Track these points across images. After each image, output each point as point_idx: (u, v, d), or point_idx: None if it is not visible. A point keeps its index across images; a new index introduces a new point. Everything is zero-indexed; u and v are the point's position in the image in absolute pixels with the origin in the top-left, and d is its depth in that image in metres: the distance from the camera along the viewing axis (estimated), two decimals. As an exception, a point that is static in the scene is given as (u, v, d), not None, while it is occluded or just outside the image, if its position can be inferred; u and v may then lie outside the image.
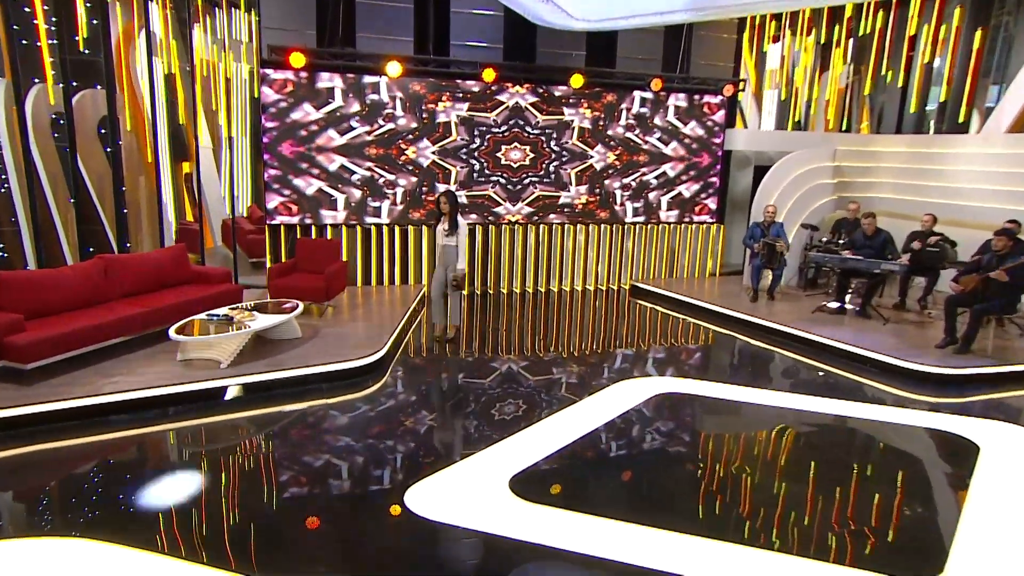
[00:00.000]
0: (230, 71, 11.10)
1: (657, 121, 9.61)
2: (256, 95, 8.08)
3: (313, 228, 8.47)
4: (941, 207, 8.43)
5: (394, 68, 7.97)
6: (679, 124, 9.73)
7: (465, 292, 6.26)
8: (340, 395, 5.18)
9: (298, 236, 8.35)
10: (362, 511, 3.44)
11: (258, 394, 5.00)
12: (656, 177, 9.82)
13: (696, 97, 9.69)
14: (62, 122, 7.38)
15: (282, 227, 8.36)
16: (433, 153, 8.75)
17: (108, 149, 8.05)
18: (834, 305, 7.73)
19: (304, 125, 8.17)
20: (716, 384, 5.60)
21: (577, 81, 8.78)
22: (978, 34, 10.04)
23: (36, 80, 7.23)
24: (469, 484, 3.69)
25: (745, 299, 8.34)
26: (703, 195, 10.13)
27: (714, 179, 10.12)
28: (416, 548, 3.13)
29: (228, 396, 4.94)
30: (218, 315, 5.46)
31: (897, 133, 10.72)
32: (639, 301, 9.10)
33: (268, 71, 7.87)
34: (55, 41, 7.04)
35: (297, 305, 6.06)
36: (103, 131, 8.20)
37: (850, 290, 7.88)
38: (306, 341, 5.95)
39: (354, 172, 8.47)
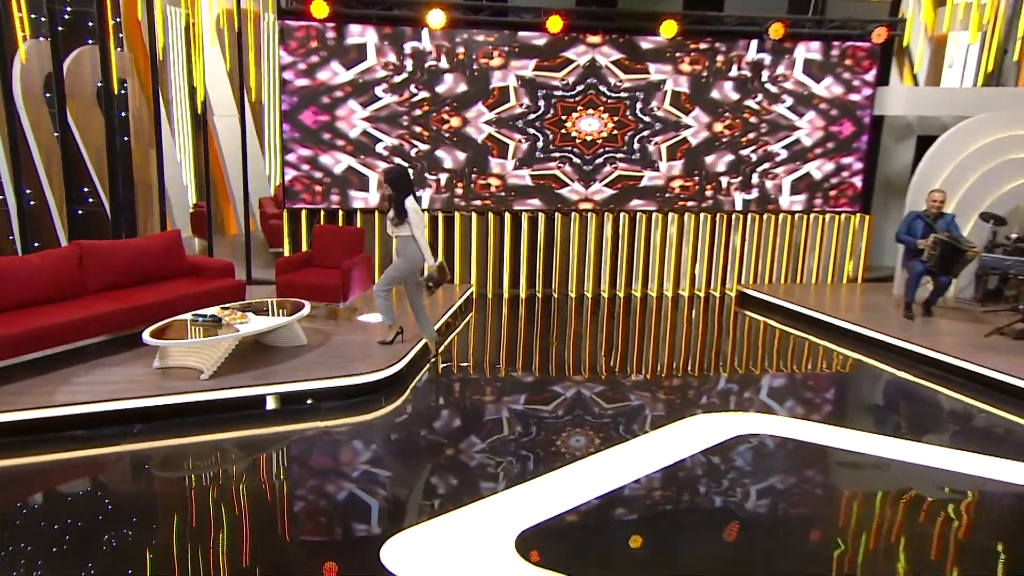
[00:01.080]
0: (248, 21, 11.52)
1: (780, 79, 9.05)
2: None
3: (340, 213, 8.61)
4: None
5: (437, 18, 7.92)
6: (810, 82, 9.09)
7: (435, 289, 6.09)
8: (339, 417, 5.13)
9: (321, 222, 8.52)
10: (326, 563, 3.35)
11: (240, 412, 5.05)
12: (777, 152, 9.24)
13: (836, 46, 9.04)
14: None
15: (303, 211, 8.55)
16: (486, 124, 8.67)
17: (123, 114, 8.57)
18: (1021, 327, 6.98)
19: (330, 89, 8.28)
20: (833, 428, 5.12)
21: (670, 29, 8.37)
22: None
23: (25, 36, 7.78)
24: (466, 539, 3.53)
25: (896, 315, 7.69)
26: (842, 176, 9.44)
27: (859, 154, 9.42)
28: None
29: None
30: (205, 316, 5.58)
31: None
32: (747, 312, 8.62)
33: (288, 22, 8.05)
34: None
35: (302, 306, 6.12)
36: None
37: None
38: (311, 349, 5.98)
39: (389, 146, 8.52)
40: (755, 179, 9.26)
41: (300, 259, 7.29)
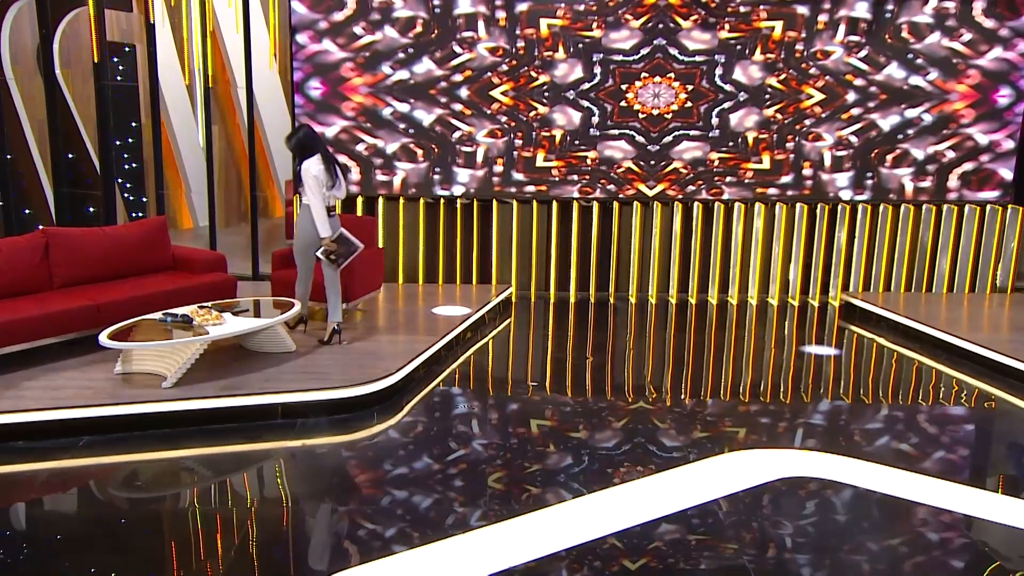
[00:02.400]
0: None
1: (903, 35, 8.61)
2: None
3: (360, 199, 8.83)
4: None
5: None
6: (946, 39, 8.64)
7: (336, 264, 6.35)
8: (314, 436, 5.24)
9: (336, 210, 8.75)
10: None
11: (201, 426, 5.21)
12: (898, 127, 8.80)
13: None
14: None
15: (316, 196, 8.82)
16: (529, 94, 8.66)
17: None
18: None
19: (349, 56, 8.47)
20: (913, 475, 4.83)
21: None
22: None
23: None
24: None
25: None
26: (987, 157, 8.91)
27: (1011, 128, 8.85)
28: None
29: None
30: (176, 316, 5.82)
31: None
32: (852, 327, 8.25)
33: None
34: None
35: (291, 306, 6.31)
36: (117, 60, 9.22)
37: None
38: (299, 357, 6.14)
39: (418, 122, 8.64)
40: (868, 162, 8.87)
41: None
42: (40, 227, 8.72)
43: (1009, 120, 8.81)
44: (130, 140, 10.23)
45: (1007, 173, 8.95)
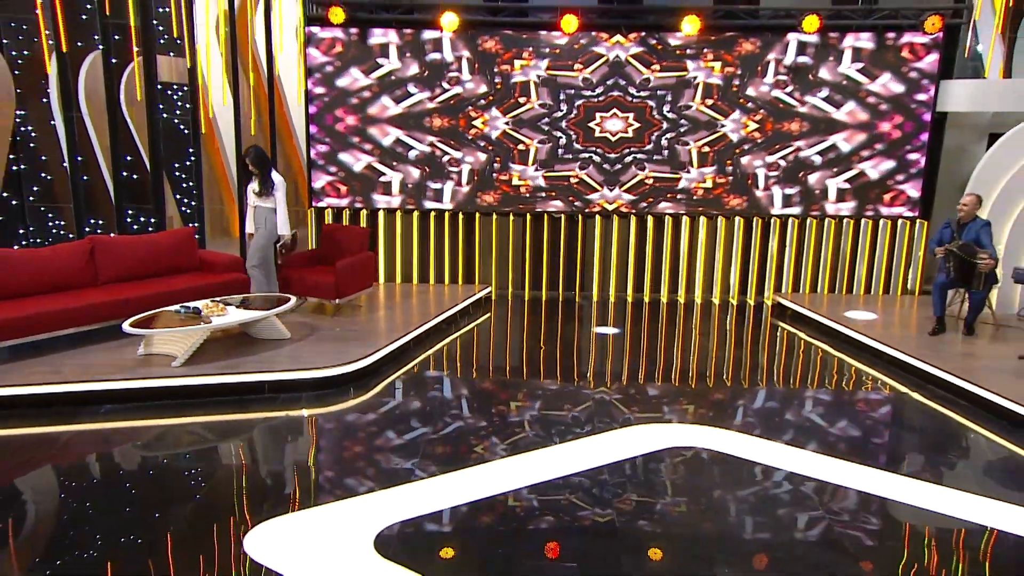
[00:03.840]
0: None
1: (825, 75, 8.63)
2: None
3: (363, 212, 9.11)
4: None
5: (450, 20, 8.21)
6: (860, 77, 8.60)
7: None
8: (296, 408, 5.46)
9: (345, 221, 9.08)
10: (194, 545, 3.67)
11: (199, 399, 5.50)
12: (821, 152, 8.80)
13: (890, 37, 8.49)
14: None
15: (328, 210, 9.13)
16: (506, 124, 8.83)
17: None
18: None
19: (355, 92, 8.75)
20: (788, 447, 4.91)
21: (693, 25, 8.21)
22: None
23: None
24: (333, 530, 3.72)
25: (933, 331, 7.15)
26: (898, 178, 8.85)
27: (917, 155, 8.77)
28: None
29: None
30: (188, 308, 6.15)
31: None
32: (782, 324, 8.28)
33: (314, 29, 8.60)
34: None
35: (286, 301, 6.61)
36: (179, 96, 9.64)
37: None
38: (292, 343, 6.39)
39: (412, 147, 8.88)
40: (797, 182, 8.89)
41: (306, 256, 7.78)
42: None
43: (916, 146, 8.74)
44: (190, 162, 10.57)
45: (915, 192, 8.88)
